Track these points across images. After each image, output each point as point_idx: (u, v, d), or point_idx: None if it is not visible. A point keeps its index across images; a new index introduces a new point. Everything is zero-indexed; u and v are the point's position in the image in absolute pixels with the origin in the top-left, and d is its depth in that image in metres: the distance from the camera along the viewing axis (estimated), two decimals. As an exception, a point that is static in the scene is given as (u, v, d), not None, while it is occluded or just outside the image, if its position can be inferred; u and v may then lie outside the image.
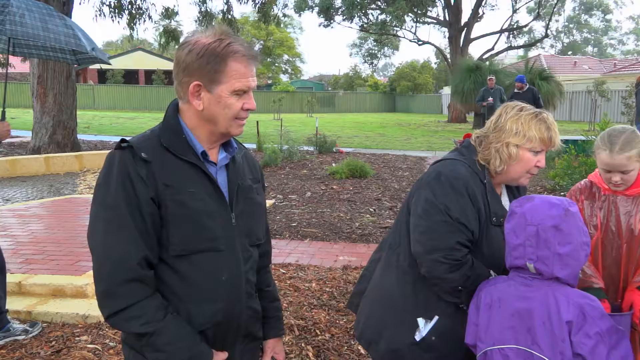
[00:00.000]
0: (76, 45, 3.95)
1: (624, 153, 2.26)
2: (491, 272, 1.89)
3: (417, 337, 1.92)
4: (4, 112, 4.04)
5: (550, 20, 32.68)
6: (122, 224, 1.50)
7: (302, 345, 3.60)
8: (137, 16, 15.87)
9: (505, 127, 1.89)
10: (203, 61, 1.54)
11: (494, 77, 15.41)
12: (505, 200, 2.06)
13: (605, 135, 2.34)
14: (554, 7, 32.48)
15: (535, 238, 1.69)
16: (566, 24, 76.28)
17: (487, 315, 1.79)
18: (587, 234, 1.74)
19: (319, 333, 3.77)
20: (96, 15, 15.75)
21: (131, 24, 15.95)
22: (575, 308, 1.64)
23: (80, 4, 18.56)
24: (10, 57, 17.34)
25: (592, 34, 78.27)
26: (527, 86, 13.19)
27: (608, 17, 76.04)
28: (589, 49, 77.76)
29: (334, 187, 9.40)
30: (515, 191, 2.12)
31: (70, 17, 13.29)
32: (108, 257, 1.50)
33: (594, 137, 8.15)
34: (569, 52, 69.04)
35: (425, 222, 1.87)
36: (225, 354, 1.65)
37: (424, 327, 1.92)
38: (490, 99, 14.24)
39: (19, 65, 20.22)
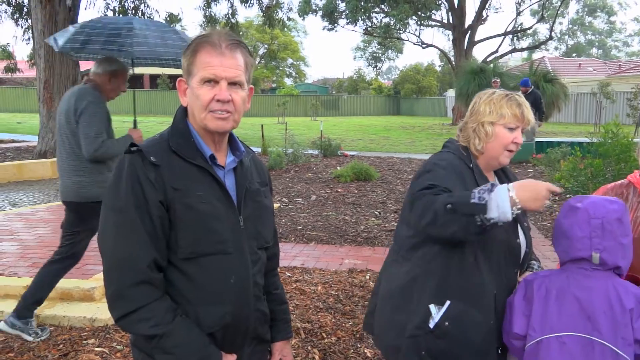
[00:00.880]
0: None
1: None
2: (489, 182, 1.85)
3: (431, 325, 1.90)
4: (135, 121, 4.59)
5: (554, 22, 32.60)
6: (132, 227, 1.51)
7: (309, 348, 3.61)
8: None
9: (480, 109, 2.03)
10: (184, 58, 1.61)
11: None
12: None
13: None
14: (558, 10, 32.47)
15: (601, 230, 1.79)
16: (570, 26, 76.15)
17: (542, 305, 1.85)
18: None
19: (325, 336, 3.78)
20: None
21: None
22: (633, 297, 1.77)
23: (85, 9, 18.68)
24: (18, 62, 17.33)
25: (597, 36, 78.10)
26: (531, 89, 13.19)
27: (612, 19, 75.88)
28: (594, 50, 77.57)
29: (339, 190, 9.41)
30: (505, 181, 2.13)
31: (76, 22, 13.38)
32: (118, 260, 1.52)
33: (599, 139, 8.12)
34: (574, 54, 68.92)
35: (410, 200, 1.93)
36: (234, 357, 1.66)
37: (436, 313, 1.91)
38: None
39: (26, 70, 20.29)
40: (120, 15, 15.22)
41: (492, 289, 1.93)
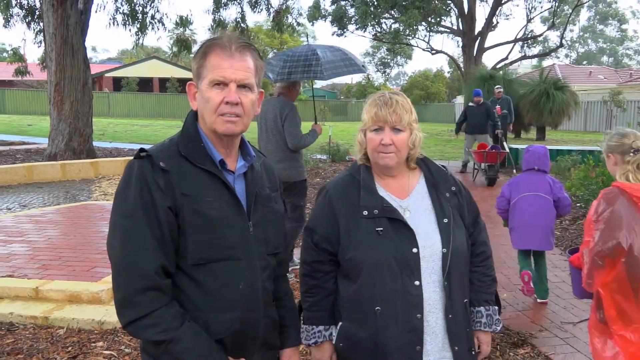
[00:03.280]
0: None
1: None
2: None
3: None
4: (315, 117, 5.87)
5: (565, 29, 32.42)
6: (140, 233, 1.50)
7: (316, 354, 3.58)
8: (150, 25, 15.99)
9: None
10: (194, 61, 1.61)
11: (501, 89, 15.26)
12: (422, 186, 1.99)
13: None
14: (569, 17, 32.29)
15: (537, 156, 4.65)
16: (581, 33, 75.84)
17: (515, 186, 4.77)
18: None
19: (332, 342, 3.75)
20: (110, 23, 15.90)
21: (142, 32, 16.04)
22: (552, 180, 4.61)
23: (95, 12, 18.73)
24: (29, 64, 17.38)
25: (608, 44, 77.70)
26: (482, 100, 13.13)
27: (624, 26, 75.49)
28: (604, 58, 77.14)
29: (347, 195, 9.37)
30: (431, 178, 2.00)
31: (87, 26, 13.47)
32: (126, 266, 1.51)
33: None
34: (584, 62, 68.59)
35: None
36: (242, 362, 1.64)
37: (335, 334, 1.98)
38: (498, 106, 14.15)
39: (37, 73, 20.41)
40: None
41: (373, 306, 1.85)
